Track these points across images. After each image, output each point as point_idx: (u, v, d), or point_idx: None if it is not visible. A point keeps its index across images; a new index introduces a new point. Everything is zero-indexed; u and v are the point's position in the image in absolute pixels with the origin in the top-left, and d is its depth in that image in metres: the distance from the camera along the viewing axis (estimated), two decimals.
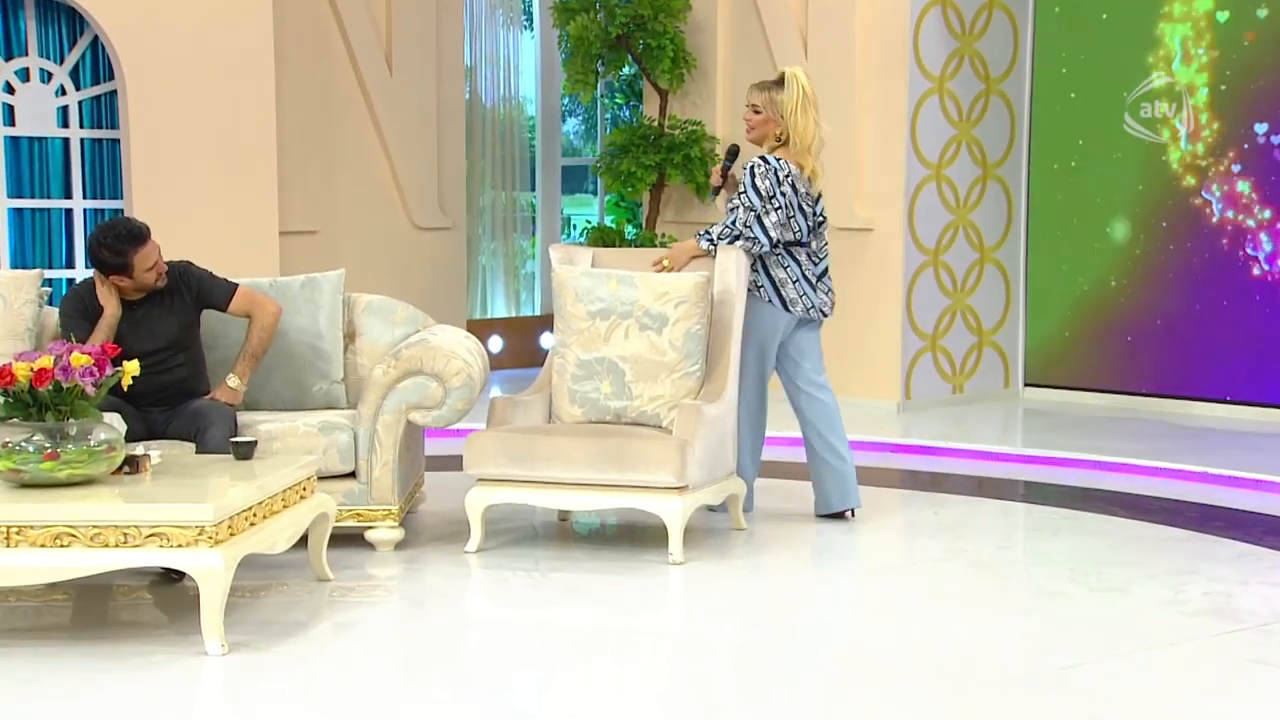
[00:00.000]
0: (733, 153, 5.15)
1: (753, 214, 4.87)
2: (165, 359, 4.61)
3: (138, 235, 4.50)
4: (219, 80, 7.08)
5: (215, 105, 7.09)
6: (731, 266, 4.93)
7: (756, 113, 5.00)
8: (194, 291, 4.69)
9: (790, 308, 4.97)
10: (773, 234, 4.87)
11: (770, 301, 4.97)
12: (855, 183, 7.67)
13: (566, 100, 9.76)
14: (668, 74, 8.03)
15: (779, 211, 4.89)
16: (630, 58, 8.17)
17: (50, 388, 3.65)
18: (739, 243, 4.87)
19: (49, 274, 6.97)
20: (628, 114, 9.84)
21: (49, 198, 7.16)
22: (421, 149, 8.28)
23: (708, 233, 4.93)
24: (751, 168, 4.92)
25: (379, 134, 8.17)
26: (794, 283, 4.97)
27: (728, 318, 4.89)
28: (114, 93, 7.15)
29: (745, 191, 4.89)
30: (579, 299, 4.85)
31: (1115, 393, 7.80)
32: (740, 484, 4.96)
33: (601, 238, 8.19)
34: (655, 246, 7.93)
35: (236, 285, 4.75)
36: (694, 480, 4.53)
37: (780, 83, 4.99)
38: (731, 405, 4.81)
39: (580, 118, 10.56)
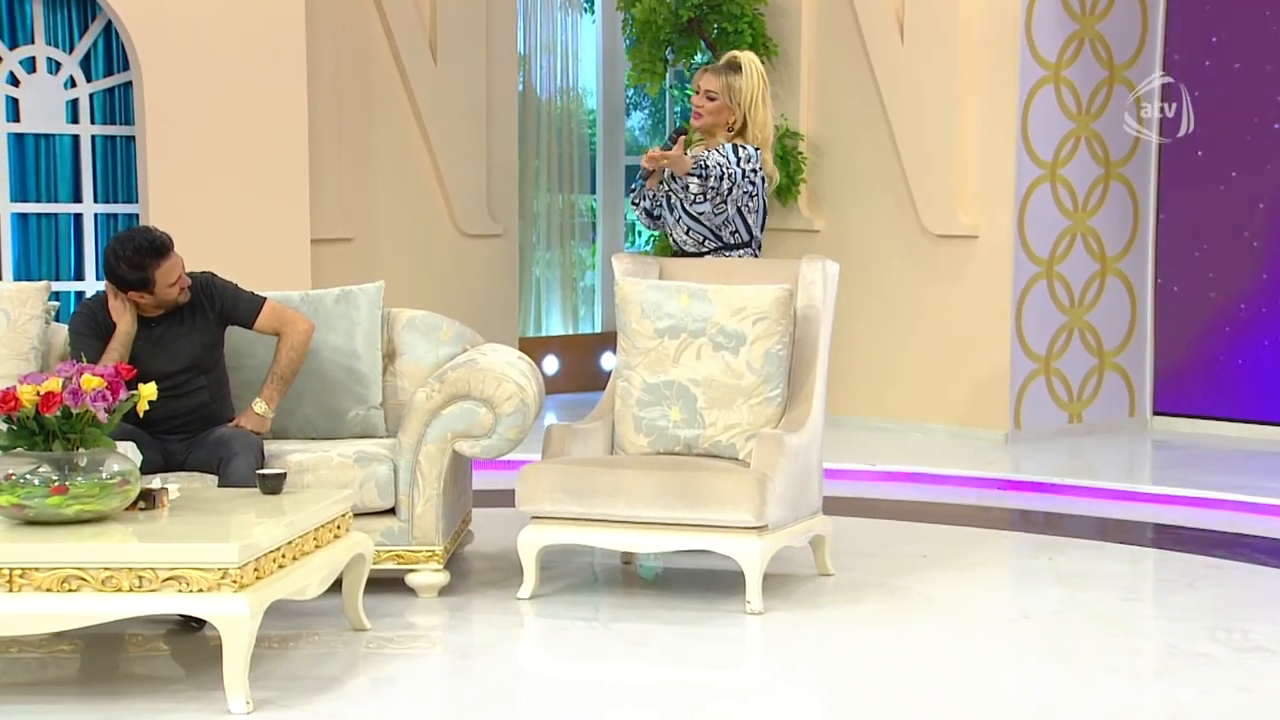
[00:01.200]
0: (678, 133, 5.20)
1: (725, 171, 4.97)
2: (185, 382, 4.66)
3: (160, 248, 4.54)
4: (245, 71, 7.16)
5: (241, 98, 7.16)
6: (817, 279, 4.91)
7: (711, 99, 5.10)
8: (218, 307, 4.74)
9: None
10: (756, 235, 5.05)
11: None
12: (958, 184, 7.62)
13: (631, 92, 9.79)
14: None
15: (755, 205, 5.06)
16: (703, 44, 8.18)
17: (58, 414, 3.68)
18: (716, 207, 4.99)
19: (56, 286, 7.03)
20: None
21: (56, 201, 7.25)
22: (469, 147, 8.33)
23: (702, 169, 4.96)
24: (735, 146, 5.04)
25: (422, 130, 8.24)
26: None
27: (813, 336, 4.87)
28: (129, 84, 7.24)
29: (726, 157, 4.97)
30: (645, 315, 4.85)
31: (1258, 422, 7.67)
32: (828, 523, 4.93)
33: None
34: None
35: (264, 300, 4.79)
36: (774, 519, 4.51)
37: (735, 67, 5.10)
38: (817, 435, 4.79)
39: (646, 111, 10.58)
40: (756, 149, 5.08)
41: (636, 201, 5.29)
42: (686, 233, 5.12)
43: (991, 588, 4.92)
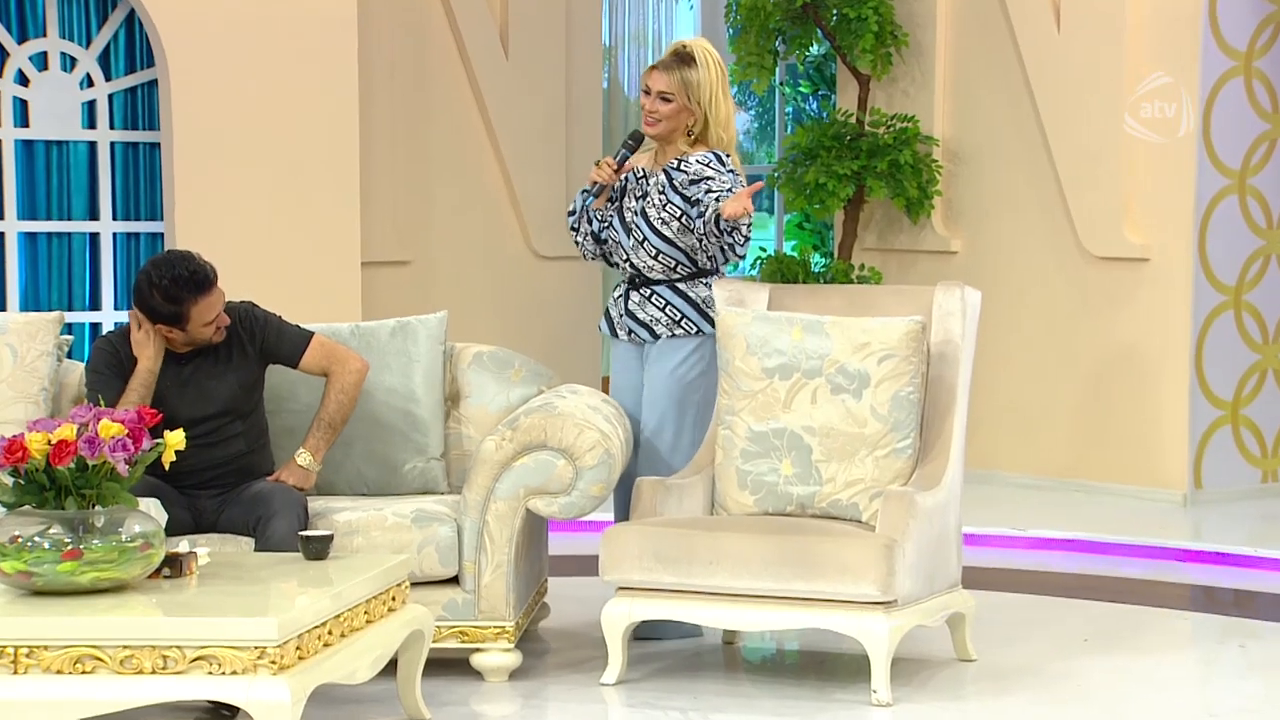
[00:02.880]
0: (635, 139, 5.19)
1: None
2: (219, 428, 4.72)
3: (201, 282, 4.60)
4: (287, 68, 7.24)
5: (282, 100, 7.24)
6: (955, 309, 4.89)
7: (666, 100, 5.07)
8: (258, 342, 4.79)
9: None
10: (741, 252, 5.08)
11: (698, 333, 5.10)
12: (1125, 198, 7.56)
13: (735, 89, 9.82)
14: (870, 54, 8.03)
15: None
16: (820, 33, 8.20)
17: (72, 465, 3.71)
18: (735, 247, 4.98)
19: (69, 317, 7.10)
20: (815, 107, 9.86)
21: (70, 219, 7.36)
22: (546, 154, 8.40)
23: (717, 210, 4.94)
24: (717, 157, 5.04)
25: (491, 136, 8.32)
26: (711, 294, 5.12)
27: (949, 376, 4.85)
28: (153, 83, 7.36)
29: (729, 186, 4.96)
30: (751, 351, 4.86)
31: None
32: (968, 599, 4.88)
33: (780, 270, 8.21)
34: (851, 282, 7.91)
35: (311, 335, 4.85)
36: (905, 593, 4.48)
37: (688, 60, 5.08)
38: (954, 494, 4.76)
39: (753, 112, 10.64)
40: (729, 155, 5.10)
41: (576, 226, 5.27)
42: (654, 257, 5.11)
43: (1168, 680, 4.85)
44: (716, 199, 4.94)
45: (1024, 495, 7.74)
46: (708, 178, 5.01)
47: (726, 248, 5.01)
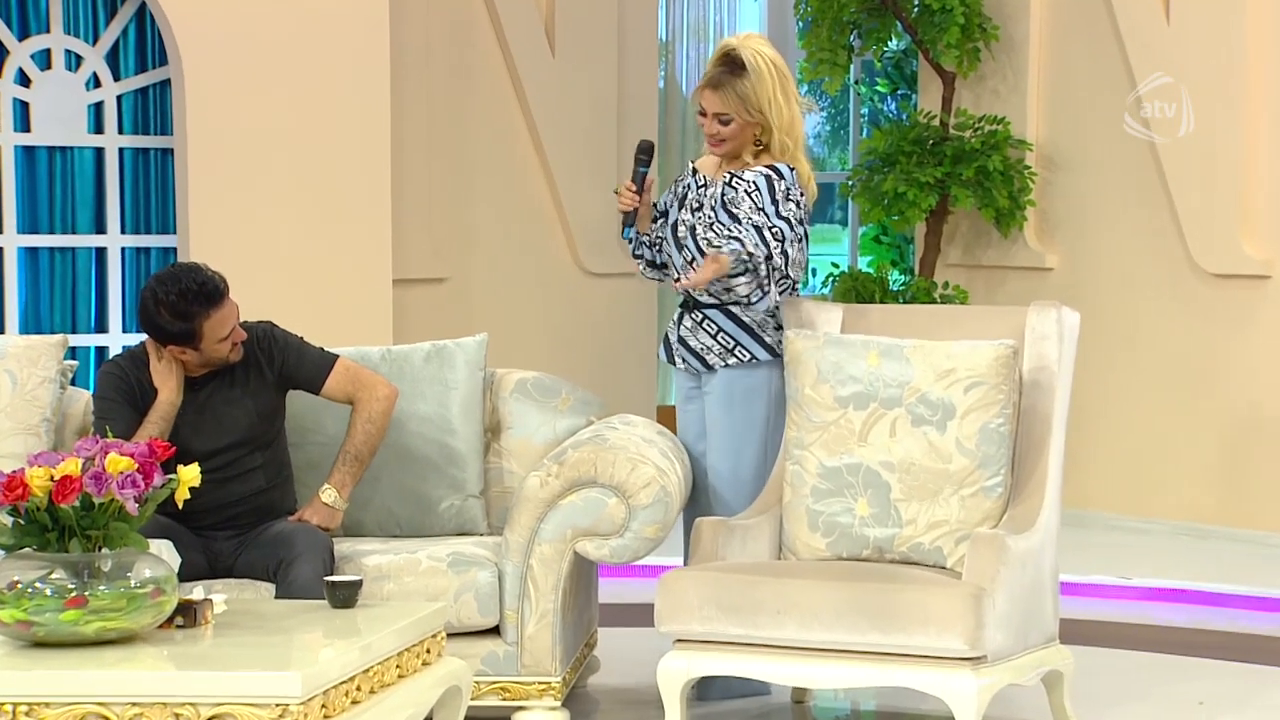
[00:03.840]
0: (646, 151, 5.19)
1: (776, 240, 4.95)
2: (236, 461, 4.75)
3: (211, 294, 4.62)
4: (312, 68, 7.27)
5: (306, 102, 7.27)
6: (1050, 331, 4.88)
7: (725, 123, 5.06)
8: (277, 365, 4.82)
9: (780, 353, 5.06)
10: (794, 275, 5.07)
11: (753, 360, 5.08)
12: (1243, 207, 7.51)
13: (805, 89, 9.82)
14: (955, 49, 8.03)
15: (802, 245, 5.05)
16: (900, 26, 8.20)
17: (77, 504, 3.71)
18: (772, 286, 4.99)
19: (74, 341, 7.02)
20: (894, 108, 9.84)
21: (74, 232, 7.40)
22: (596, 160, 8.41)
23: (742, 252, 4.94)
24: (768, 179, 5.00)
25: (535, 139, 8.34)
26: (771, 317, 5.10)
27: (1044, 407, 4.83)
28: (166, 84, 7.41)
29: (763, 210, 4.96)
30: (822, 379, 4.85)
31: None
32: (1066, 656, 4.86)
33: (855, 288, 8.20)
34: (933, 301, 7.89)
35: (336, 358, 4.87)
36: (995, 648, 4.46)
37: (737, 69, 5.04)
38: (1050, 538, 4.74)
39: (825, 114, 10.63)
40: (791, 169, 5.05)
41: (638, 254, 5.29)
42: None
43: None
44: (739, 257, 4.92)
45: (1128, 540, 7.70)
46: (734, 212, 4.99)
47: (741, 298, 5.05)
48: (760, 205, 5.00)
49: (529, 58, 8.24)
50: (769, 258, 4.94)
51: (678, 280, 5.09)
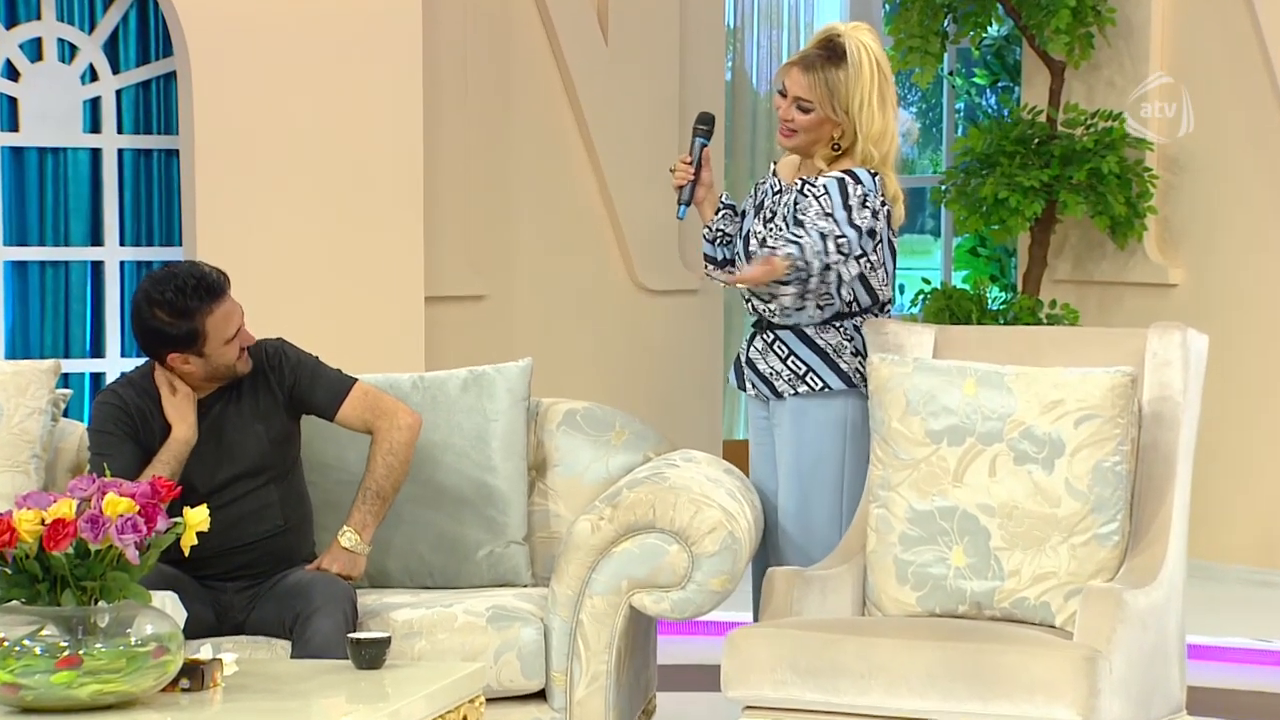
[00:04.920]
0: (705, 121, 5.18)
1: (840, 252, 4.95)
2: (247, 494, 4.77)
3: (212, 287, 4.66)
4: (335, 59, 7.30)
5: (328, 98, 7.30)
6: (1174, 356, 4.85)
7: (804, 110, 5.02)
8: (287, 385, 4.84)
9: (858, 382, 5.06)
10: (845, 291, 5.05)
11: (826, 389, 5.06)
12: None
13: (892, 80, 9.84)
14: (1065, 35, 8.01)
15: (877, 262, 5.05)
16: (1001, 9, 8.19)
17: (71, 551, 3.70)
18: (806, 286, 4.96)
19: (67, 366, 7.07)
20: (994, 102, 9.83)
21: (68, 245, 7.45)
22: (653, 162, 8.40)
23: (799, 254, 4.92)
24: (841, 183, 4.98)
25: (585, 140, 8.36)
26: (849, 341, 5.09)
27: (1168, 443, 4.80)
28: (171, 77, 7.45)
29: (831, 216, 4.94)
30: (912, 410, 4.85)
31: None
32: None
33: (949, 307, 8.18)
34: (1039, 322, 7.87)
35: (354, 381, 4.89)
36: (1112, 719, 4.44)
37: (836, 55, 5.01)
38: (1175, 593, 4.71)
39: (915, 109, 10.62)
40: (874, 174, 5.01)
41: (705, 256, 5.30)
42: (774, 296, 5.08)
43: None
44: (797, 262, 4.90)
45: (1266, 596, 7.65)
46: (799, 218, 4.98)
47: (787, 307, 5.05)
48: (828, 210, 4.98)
49: (579, 47, 8.26)
50: (826, 268, 4.94)
51: (731, 274, 5.08)
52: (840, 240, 4.94)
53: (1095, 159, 7.90)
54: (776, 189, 5.17)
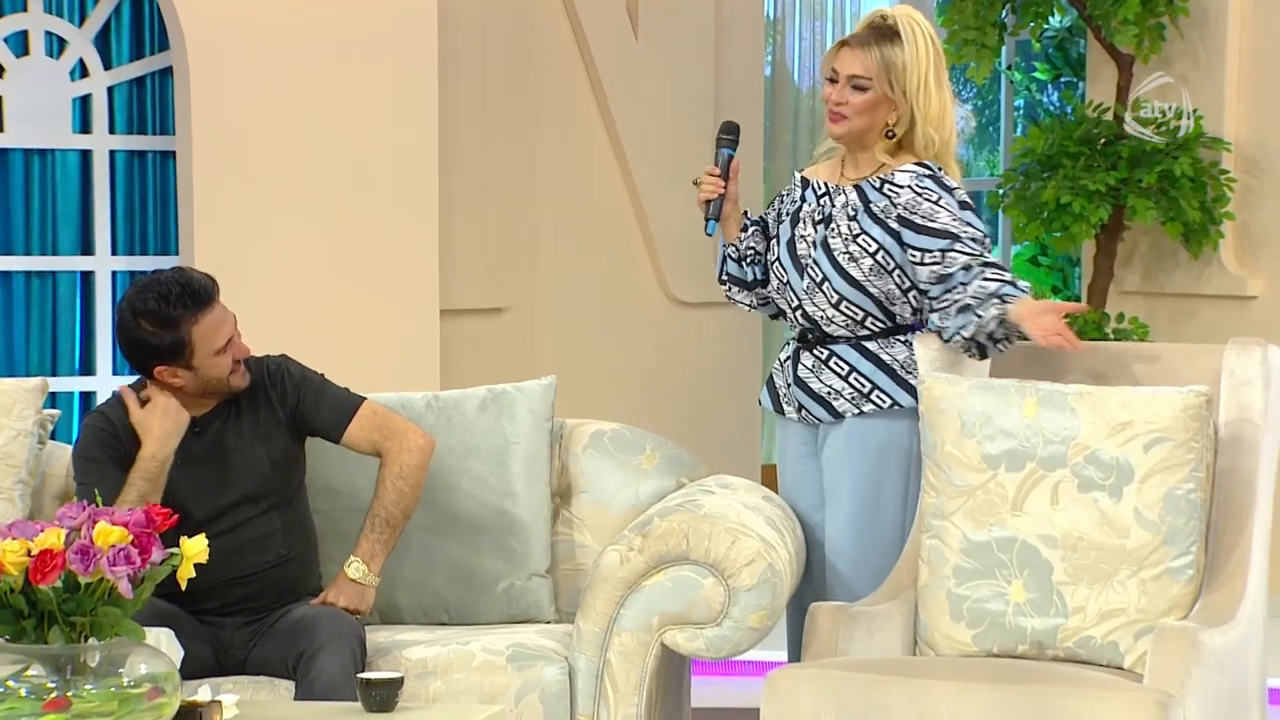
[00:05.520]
0: (730, 131, 5.18)
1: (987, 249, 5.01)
2: (248, 522, 4.78)
3: (198, 293, 4.67)
4: (343, 55, 7.29)
5: (336, 97, 7.29)
6: (1254, 375, 4.84)
7: (860, 88, 5.03)
8: (290, 404, 4.86)
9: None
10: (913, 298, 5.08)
11: (895, 407, 5.07)
12: None
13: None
14: (1134, 26, 7.98)
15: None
16: (1061, 0, 8.17)
17: (59, 584, 3.72)
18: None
19: (55, 385, 7.06)
20: (1056, 99, 9.82)
21: (56, 253, 7.45)
22: (686, 164, 8.35)
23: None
24: (932, 175, 5.00)
25: (613, 141, 8.36)
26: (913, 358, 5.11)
27: (1246, 469, 4.79)
28: (166, 73, 7.46)
29: (962, 220, 4.96)
30: (967, 432, 4.83)
31: None
32: None
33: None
34: (1105, 337, 7.85)
35: (361, 400, 4.90)
36: None
37: (890, 35, 5.03)
38: (1255, 632, 4.69)
39: (970, 106, 10.60)
40: (939, 168, 5.06)
41: (725, 277, 5.30)
42: (836, 305, 5.08)
43: None
44: (987, 281, 4.89)
45: None
46: (948, 232, 4.95)
47: (977, 346, 5.01)
48: (948, 205, 5.00)
49: (606, 40, 8.26)
50: (987, 265, 4.96)
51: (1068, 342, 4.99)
52: (973, 236, 4.99)
53: (1167, 161, 7.87)
54: (822, 191, 5.15)
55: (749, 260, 5.26)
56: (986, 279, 4.92)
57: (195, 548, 3.88)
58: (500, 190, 8.12)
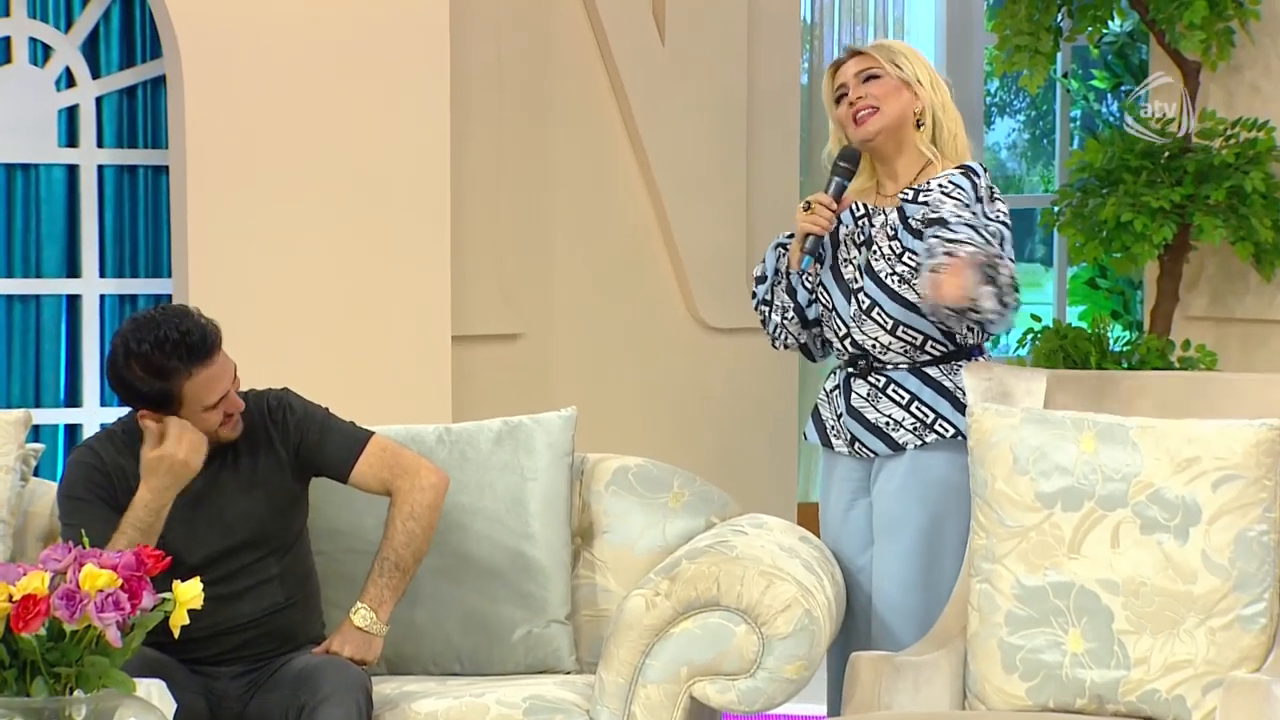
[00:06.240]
0: (850, 159, 5.18)
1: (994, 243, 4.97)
2: (244, 569, 4.78)
3: (195, 347, 4.64)
4: (348, 64, 7.29)
5: (340, 109, 7.29)
6: None
7: (875, 77, 5.11)
8: (293, 443, 4.86)
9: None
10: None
11: (959, 437, 5.07)
12: None
13: (995, 85, 9.83)
14: (1200, 33, 7.97)
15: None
16: (1124, 2, 8.16)
17: (43, 632, 3.72)
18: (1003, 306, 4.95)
19: (39, 417, 7.07)
20: (1115, 109, 9.81)
21: (40, 276, 7.47)
22: (717, 179, 8.42)
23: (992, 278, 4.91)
24: (966, 174, 5.02)
25: (638, 155, 8.36)
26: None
27: None
28: (159, 82, 7.49)
29: (971, 209, 4.95)
30: (1020, 469, 4.83)
31: None
32: None
33: (1062, 348, 8.15)
34: (1170, 367, 7.83)
35: (369, 435, 4.91)
36: None
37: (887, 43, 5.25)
38: None
39: (1022, 118, 10.60)
40: (984, 169, 5.13)
41: (768, 298, 5.29)
42: (890, 330, 5.08)
43: None
44: (929, 256, 4.89)
45: None
46: (937, 218, 4.95)
47: (972, 325, 5.02)
48: (966, 202, 5.00)
49: (630, 45, 8.26)
50: (1000, 258, 4.94)
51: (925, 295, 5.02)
52: (991, 231, 4.97)
53: (1236, 176, 7.85)
54: (860, 213, 5.16)
55: (817, 295, 5.27)
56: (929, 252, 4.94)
57: (189, 592, 3.88)
58: (516, 207, 8.13)
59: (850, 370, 5.20)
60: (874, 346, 5.12)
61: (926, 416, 5.10)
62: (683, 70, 8.34)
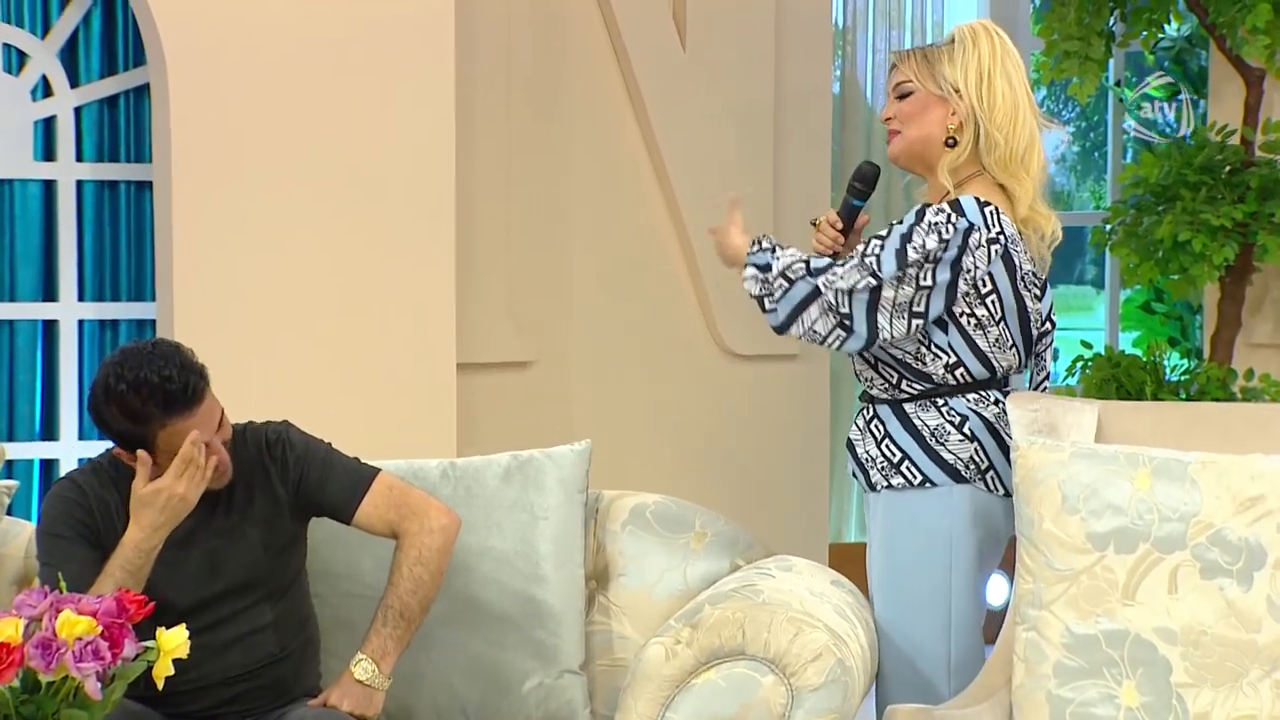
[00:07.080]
0: (866, 180, 5.20)
1: (867, 275, 4.95)
2: (235, 616, 4.78)
3: (173, 396, 4.57)
4: (346, 70, 7.30)
5: (336, 121, 7.26)
6: None
7: (906, 94, 5.09)
8: (292, 481, 4.86)
9: (969, 475, 5.04)
10: (882, 329, 4.98)
11: (925, 483, 5.04)
12: None
13: (1044, 92, 9.83)
14: (1264, 37, 7.97)
15: (991, 312, 5.01)
16: (1182, 5, 8.17)
17: (16, 684, 3.72)
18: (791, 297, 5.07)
19: (13, 451, 7.16)
20: (1169, 120, 9.80)
21: (14, 299, 7.48)
22: (741, 194, 8.42)
23: (770, 250, 5.08)
24: (923, 210, 4.99)
25: (657, 169, 8.36)
26: (954, 424, 5.05)
27: None
28: (142, 92, 7.51)
29: (881, 236, 4.97)
30: (1069, 508, 4.82)
31: None
32: None
33: (1115, 377, 8.15)
34: (1231, 397, 7.83)
35: (375, 473, 4.91)
36: None
37: (946, 41, 5.12)
38: None
39: (1072, 128, 10.58)
40: (984, 203, 4.99)
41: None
42: (874, 366, 5.12)
43: None
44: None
45: None
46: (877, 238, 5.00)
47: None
48: (885, 233, 5.00)
49: (649, 52, 8.27)
50: (829, 273, 4.98)
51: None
52: (868, 257, 4.97)
53: None
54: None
55: None
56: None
57: (174, 641, 3.88)
58: (526, 226, 8.14)
59: (862, 399, 5.24)
60: (865, 380, 5.18)
61: (894, 456, 5.10)
62: (705, 78, 8.35)
